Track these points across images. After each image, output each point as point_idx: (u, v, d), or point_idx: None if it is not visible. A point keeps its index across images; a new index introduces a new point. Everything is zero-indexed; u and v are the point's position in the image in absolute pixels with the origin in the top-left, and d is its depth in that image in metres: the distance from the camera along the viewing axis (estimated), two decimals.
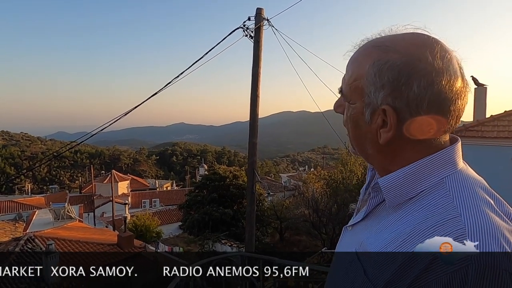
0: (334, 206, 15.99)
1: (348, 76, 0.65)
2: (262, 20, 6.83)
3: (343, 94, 0.67)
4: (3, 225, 20.34)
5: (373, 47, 0.61)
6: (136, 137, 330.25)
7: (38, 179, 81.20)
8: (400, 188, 0.59)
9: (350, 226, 0.73)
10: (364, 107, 0.61)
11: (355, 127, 0.65)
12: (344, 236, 0.76)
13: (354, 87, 0.62)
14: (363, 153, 0.67)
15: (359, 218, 0.70)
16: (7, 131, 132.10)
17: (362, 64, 0.61)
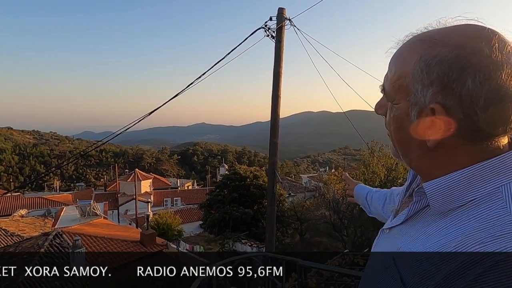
0: (356, 208, 15.69)
1: (391, 74, 0.60)
2: (284, 20, 6.80)
3: (386, 94, 0.62)
4: (33, 220, 21.25)
5: (419, 41, 0.56)
6: (159, 136, 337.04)
7: (66, 176, 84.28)
8: (448, 194, 0.54)
9: (388, 229, 0.68)
10: (409, 107, 0.56)
11: (399, 128, 0.60)
12: (380, 239, 0.71)
13: (398, 86, 0.58)
14: (407, 157, 0.62)
15: (398, 222, 0.65)
16: (37, 130, 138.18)
17: (407, 60, 0.56)
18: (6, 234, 15.98)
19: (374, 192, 1.33)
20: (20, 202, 28.06)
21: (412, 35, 0.59)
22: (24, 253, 11.24)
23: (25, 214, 23.82)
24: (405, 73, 0.56)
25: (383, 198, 1.21)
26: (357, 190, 1.42)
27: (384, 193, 1.24)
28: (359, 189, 1.42)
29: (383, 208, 1.19)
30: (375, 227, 15.08)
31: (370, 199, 1.31)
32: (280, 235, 16.70)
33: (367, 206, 1.34)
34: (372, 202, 1.30)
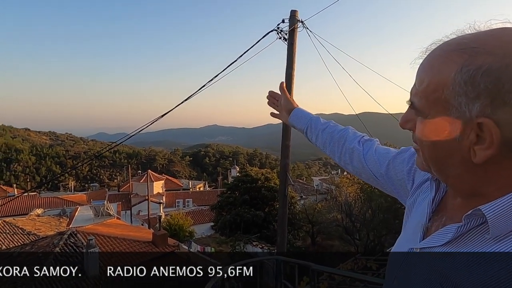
0: (368, 212, 15.53)
1: (422, 86, 0.55)
2: (296, 22, 6.79)
3: (416, 108, 0.57)
4: (49, 219, 21.72)
5: (455, 50, 0.51)
6: (171, 138, 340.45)
7: (80, 177, 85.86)
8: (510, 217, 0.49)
9: (418, 249, 0.61)
10: (450, 121, 0.52)
11: (435, 145, 0.55)
12: (409, 260, 0.63)
13: (434, 99, 0.53)
14: (442, 173, 0.57)
15: (436, 243, 0.58)
16: (53, 131, 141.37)
17: (442, 71, 0.52)
18: (23, 232, 16.37)
19: (333, 127, 1.10)
20: (36, 202, 28.72)
21: (440, 43, 0.55)
22: (39, 252, 11.49)
23: (41, 213, 24.36)
24: (442, 85, 0.52)
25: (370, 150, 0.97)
26: (298, 113, 1.19)
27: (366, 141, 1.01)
28: (300, 112, 1.19)
29: (382, 166, 0.92)
30: (388, 231, 14.89)
31: (326, 133, 1.09)
32: (291, 238, 16.62)
33: (314, 136, 1.13)
34: (333, 141, 1.07)
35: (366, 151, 0.97)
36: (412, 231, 0.69)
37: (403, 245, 0.68)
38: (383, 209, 14.84)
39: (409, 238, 0.68)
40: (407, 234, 0.71)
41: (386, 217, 14.75)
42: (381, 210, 14.90)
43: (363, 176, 0.98)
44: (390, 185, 0.89)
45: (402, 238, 0.72)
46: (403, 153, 0.87)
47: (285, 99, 1.23)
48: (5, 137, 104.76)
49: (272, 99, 1.30)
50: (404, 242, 0.69)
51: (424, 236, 0.63)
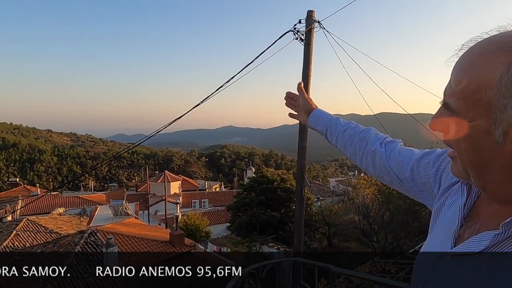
0: (386, 214, 15.24)
1: (460, 86, 0.51)
2: (313, 22, 6.75)
3: (452, 109, 0.53)
4: (70, 218, 22.32)
5: (500, 49, 0.48)
6: (187, 139, 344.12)
7: (100, 177, 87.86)
8: None
9: (451, 255, 0.59)
10: (492, 124, 0.48)
11: (474, 149, 0.52)
12: (439, 268, 0.61)
13: (475, 101, 0.49)
14: (481, 179, 0.54)
15: (470, 250, 0.56)
16: (74, 132, 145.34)
17: (485, 71, 0.48)
18: (46, 231, 16.88)
19: (354, 128, 1.06)
20: (58, 201, 29.59)
21: (478, 40, 0.52)
22: (62, 251, 11.82)
23: (63, 212, 25.08)
24: (484, 85, 0.48)
25: (396, 153, 0.92)
26: (317, 114, 1.15)
27: (394, 146, 0.95)
28: (320, 113, 1.15)
29: (406, 167, 0.87)
30: (407, 234, 14.57)
31: (347, 135, 1.05)
32: (307, 240, 16.51)
33: (334, 138, 1.10)
34: (354, 142, 1.03)
35: (388, 154, 0.93)
36: (442, 236, 0.66)
37: (431, 249, 0.66)
38: (401, 211, 14.53)
39: (438, 243, 0.65)
40: (436, 239, 0.68)
41: (405, 219, 14.44)
42: (400, 213, 14.60)
43: (386, 179, 0.94)
44: (415, 189, 0.85)
45: (431, 243, 0.69)
46: (428, 155, 0.83)
47: (304, 100, 1.20)
48: (29, 138, 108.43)
49: (290, 100, 1.27)
50: (433, 246, 0.66)
51: (456, 242, 0.61)
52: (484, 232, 0.55)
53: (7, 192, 40.15)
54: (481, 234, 0.56)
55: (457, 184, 0.69)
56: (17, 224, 16.99)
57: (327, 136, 1.13)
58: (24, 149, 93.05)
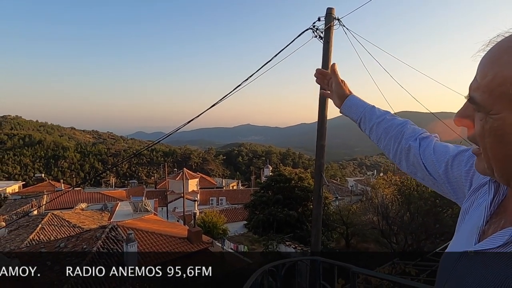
0: (406, 215, 14.92)
1: (486, 80, 0.51)
2: (332, 20, 6.67)
3: (477, 103, 0.53)
4: (92, 213, 22.98)
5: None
6: (205, 137, 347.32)
7: (120, 174, 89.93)
8: None
9: (474, 252, 0.59)
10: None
11: (500, 142, 0.51)
12: (463, 264, 0.61)
13: (500, 93, 0.49)
14: (506, 174, 0.54)
15: (492, 245, 0.55)
16: (96, 130, 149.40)
17: (510, 64, 0.48)
18: (69, 225, 17.45)
19: (390, 120, 1.02)
20: (81, 197, 30.50)
21: (506, 35, 0.52)
22: (84, 246, 12.20)
23: (85, 207, 25.84)
24: (510, 78, 0.48)
25: (432, 151, 0.89)
26: (352, 101, 1.11)
27: (434, 145, 0.91)
28: (355, 101, 1.11)
29: (441, 165, 0.86)
30: (427, 236, 14.22)
31: (382, 127, 1.02)
32: (325, 239, 16.36)
33: (368, 128, 1.06)
34: (389, 135, 1.00)
35: (423, 150, 0.90)
36: (467, 234, 0.65)
37: (456, 248, 0.65)
38: (422, 212, 14.19)
39: (463, 241, 0.65)
40: (461, 237, 0.68)
41: (425, 221, 14.09)
42: (420, 214, 14.25)
43: (419, 175, 0.92)
44: (448, 186, 0.84)
45: (455, 241, 0.69)
46: (463, 153, 0.81)
47: (337, 84, 1.14)
48: (53, 136, 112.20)
49: (322, 77, 1.21)
50: (458, 245, 0.66)
51: (480, 239, 0.60)
52: (507, 228, 0.55)
53: (33, 187, 41.73)
54: (505, 229, 0.55)
55: (486, 185, 0.68)
56: (43, 218, 17.66)
57: (360, 126, 1.10)
58: (49, 145, 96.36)
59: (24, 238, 14.97)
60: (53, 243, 12.99)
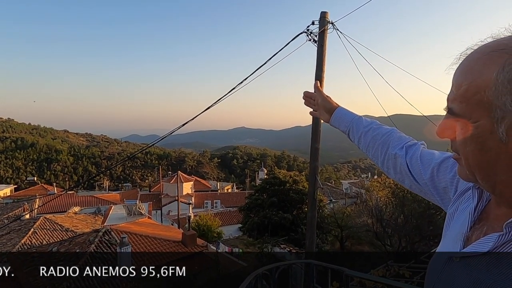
0: (400, 217, 15.02)
1: (461, 90, 0.53)
2: (326, 23, 6.72)
3: (456, 113, 0.55)
4: (85, 217, 22.75)
5: (494, 51, 0.50)
6: (200, 140, 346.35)
7: (114, 177, 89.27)
8: None
9: (459, 257, 0.60)
10: (494, 123, 0.50)
11: (480, 150, 0.53)
12: (448, 268, 0.62)
13: (476, 102, 0.51)
14: (489, 181, 0.55)
15: (476, 251, 0.57)
16: (90, 133, 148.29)
17: (483, 73, 0.50)
18: (62, 229, 17.25)
19: (377, 129, 1.04)
20: (74, 200, 30.22)
21: (476, 47, 0.54)
22: (77, 250, 12.06)
23: (78, 211, 25.58)
24: (483, 87, 0.50)
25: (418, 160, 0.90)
26: (340, 113, 1.13)
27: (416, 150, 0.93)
28: (342, 113, 1.13)
29: (426, 172, 0.86)
30: (421, 238, 14.32)
31: (369, 136, 1.05)
32: (319, 242, 16.39)
33: (356, 138, 1.09)
34: (376, 143, 1.02)
35: (409, 158, 0.92)
36: (452, 240, 0.67)
37: (442, 254, 0.67)
38: (416, 214, 14.29)
39: (450, 246, 0.66)
40: (448, 242, 0.69)
41: (419, 223, 14.19)
42: (414, 216, 14.36)
43: (406, 182, 0.93)
44: (433, 192, 0.85)
45: (443, 246, 0.70)
46: (448, 159, 0.83)
47: (322, 99, 1.19)
48: (46, 138, 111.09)
49: (308, 99, 1.27)
50: (445, 249, 0.68)
51: (465, 245, 0.62)
52: (490, 234, 0.56)
53: (26, 191, 41.27)
54: (487, 236, 0.57)
55: (470, 190, 0.69)
56: (35, 222, 17.43)
57: (349, 136, 1.13)
58: (41, 148, 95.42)
59: (16, 243, 14.77)
60: (45, 247, 12.83)
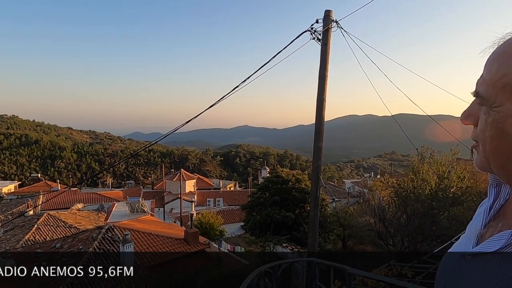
0: (403, 217, 14.95)
1: (491, 73, 0.53)
2: (330, 22, 6.70)
3: (482, 97, 0.55)
4: (88, 214, 22.87)
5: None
6: (203, 138, 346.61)
7: (117, 174, 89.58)
8: None
9: (471, 255, 0.60)
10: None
11: (500, 135, 0.52)
12: (461, 267, 0.62)
13: (502, 85, 0.51)
14: (504, 169, 0.54)
15: (489, 249, 0.56)
16: (93, 130, 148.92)
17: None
18: (65, 225, 17.35)
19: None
20: (77, 197, 30.36)
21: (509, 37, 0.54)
22: (80, 247, 12.12)
23: (82, 208, 25.71)
24: (511, 70, 0.50)
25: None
26: None
27: None
28: None
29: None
30: (424, 238, 14.26)
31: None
32: (322, 241, 16.36)
33: None
34: None
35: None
36: (467, 238, 0.66)
37: (455, 253, 0.66)
38: (419, 214, 14.23)
39: (464, 244, 0.66)
40: (462, 241, 0.69)
41: (422, 223, 14.13)
42: (417, 216, 14.29)
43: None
44: None
45: (458, 244, 0.70)
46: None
47: None
48: (50, 135, 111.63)
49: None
50: (459, 247, 0.67)
51: (478, 242, 0.61)
52: (504, 231, 0.55)
53: (30, 187, 41.51)
54: (501, 233, 0.56)
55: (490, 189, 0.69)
56: (39, 218, 17.54)
57: None
58: (45, 145, 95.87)
59: (20, 239, 14.88)
60: (49, 243, 12.91)
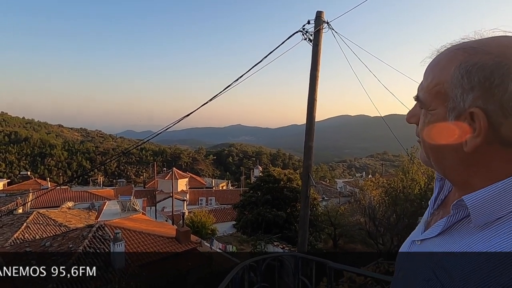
0: (393, 216, 15.15)
1: (427, 81, 0.61)
2: (322, 23, 6.77)
3: (420, 102, 0.63)
4: (79, 212, 22.67)
5: (458, 50, 0.57)
6: (195, 137, 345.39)
7: (109, 172, 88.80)
8: (490, 207, 0.54)
9: (419, 240, 0.68)
10: (447, 112, 0.57)
11: (433, 134, 0.60)
12: (411, 251, 0.71)
13: (435, 92, 0.59)
14: (440, 164, 0.62)
15: (432, 234, 0.64)
16: (85, 128, 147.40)
17: (445, 67, 0.58)
18: (55, 224, 17.19)
19: None
20: (67, 195, 30.05)
21: (449, 45, 0.61)
22: (70, 246, 12.03)
23: (72, 206, 25.47)
24: (443, 79, 0.58)
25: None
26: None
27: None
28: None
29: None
30: None
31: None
32: (312, 240, 16.49)
33: None
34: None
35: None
36: (418, 227, 0.75)
37: (408, 241, 0.75)
38: (408, 214, 14.43)
39: (415, 233, 0.74)
40: (416, 230, 0.77)
41: (411, 222, 14.33)
42: (406, 215, 14.50)
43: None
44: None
45: (412, 234, 0.78)
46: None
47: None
48: (40, 133, 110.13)
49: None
50: (411, 237, 0.75)
51: (426, 230, 0.70)
52: (442, 218, 0.63)
53: (19, 185, 40.96)
54: (441, 220, 0.64)
55: None
56: (28, 216, 17.34)
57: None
58: (35, 143, 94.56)
59: (8, 237, 14.70)
60: (38, 242, 12.79)
